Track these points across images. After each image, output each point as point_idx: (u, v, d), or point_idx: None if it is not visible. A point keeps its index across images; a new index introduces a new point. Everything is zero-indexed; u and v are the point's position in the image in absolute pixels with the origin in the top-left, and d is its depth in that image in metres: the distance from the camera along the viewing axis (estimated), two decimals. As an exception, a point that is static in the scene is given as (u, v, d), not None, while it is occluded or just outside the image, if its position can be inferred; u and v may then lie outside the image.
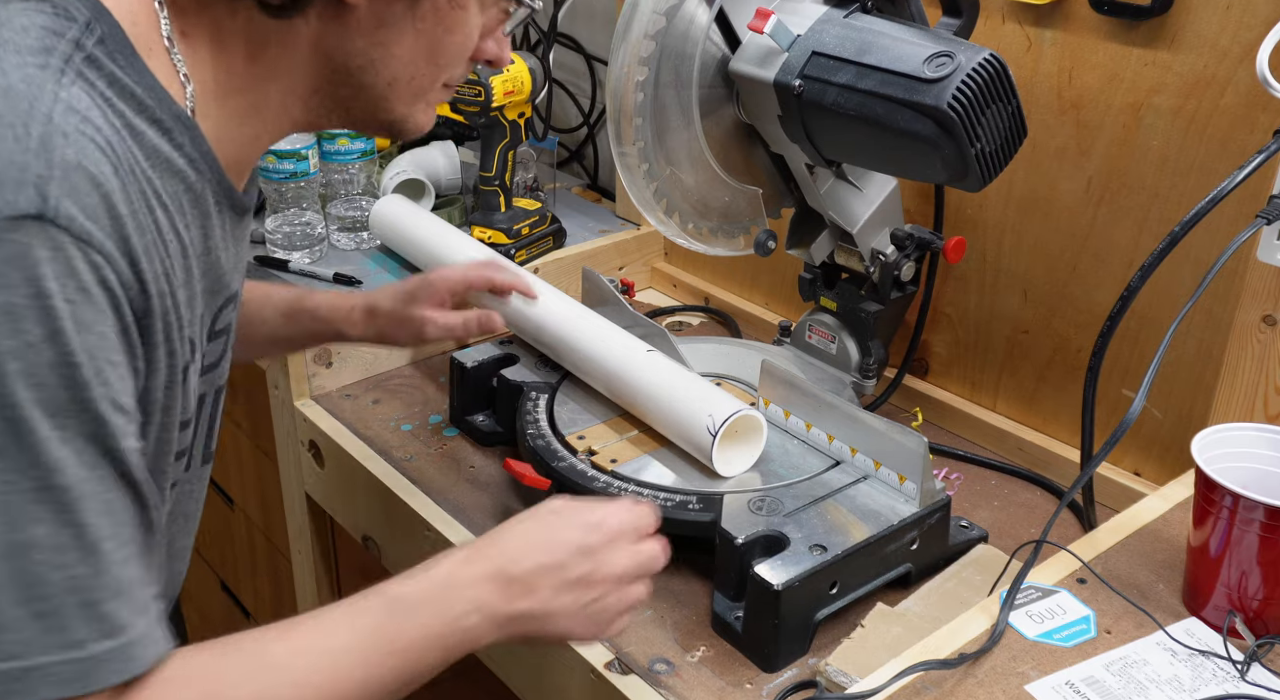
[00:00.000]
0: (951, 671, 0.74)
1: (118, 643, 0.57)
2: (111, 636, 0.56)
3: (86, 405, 0.56)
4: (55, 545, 0.55)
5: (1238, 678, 0.73)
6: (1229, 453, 0.79)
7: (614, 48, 0.94)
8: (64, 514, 0.55)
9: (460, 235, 1.33)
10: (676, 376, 1.00)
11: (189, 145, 0.66)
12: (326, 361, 1.22)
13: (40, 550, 0.54)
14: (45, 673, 0.54)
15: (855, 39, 0.91)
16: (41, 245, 0.54)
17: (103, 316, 0.57)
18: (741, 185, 1.06)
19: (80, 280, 0.56)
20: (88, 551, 0.56)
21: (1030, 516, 1.05)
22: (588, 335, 1.07)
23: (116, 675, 0.57)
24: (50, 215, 0.54)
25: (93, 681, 0.56)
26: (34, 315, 0.54)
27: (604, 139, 1.85)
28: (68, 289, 0.55)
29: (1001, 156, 0.89)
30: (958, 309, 1.18)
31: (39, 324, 0.54)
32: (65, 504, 0.55)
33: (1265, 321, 0.89)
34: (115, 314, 0.58)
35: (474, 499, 1.04)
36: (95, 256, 0.56)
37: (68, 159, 0.56)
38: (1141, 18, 0.95)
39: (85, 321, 0.56)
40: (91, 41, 0.61)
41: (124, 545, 0.58)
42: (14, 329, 0.53)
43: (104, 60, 0.62)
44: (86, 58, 0.61)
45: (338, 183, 1.54)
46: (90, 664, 0.56)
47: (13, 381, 0.54)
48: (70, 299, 0.55)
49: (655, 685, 0.82)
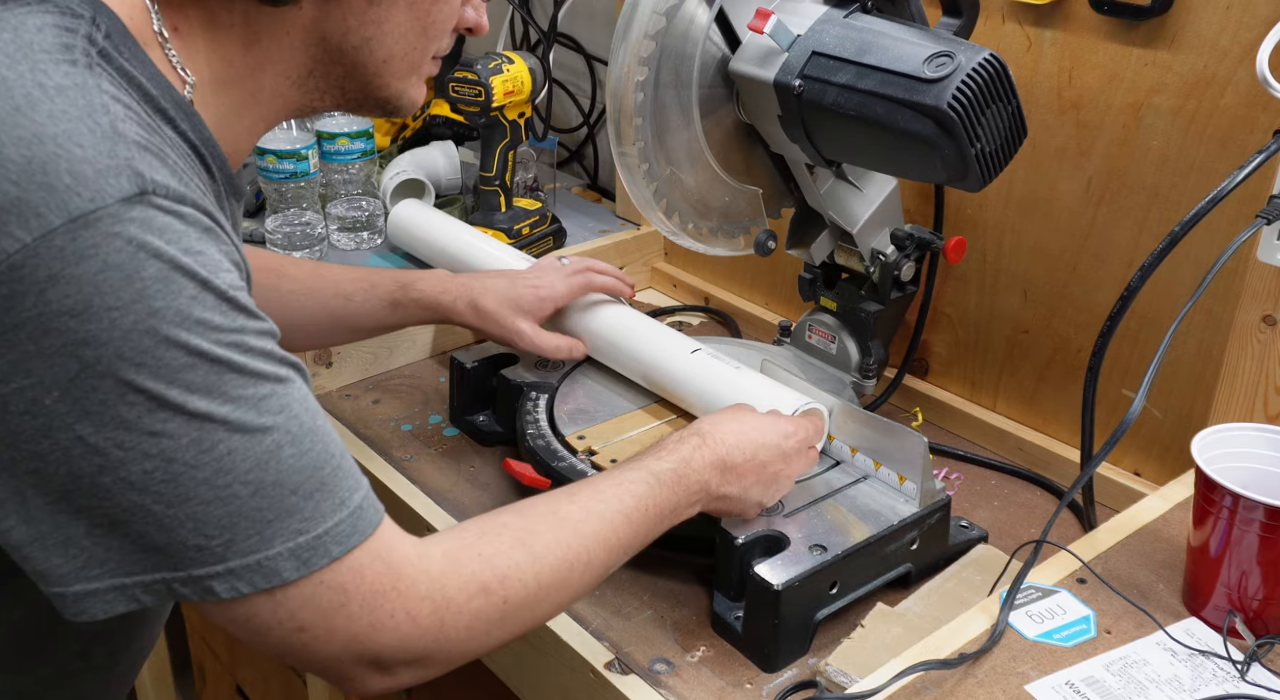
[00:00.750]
0: (951, 671, 0.74)
1: (364, 492, 0.66)
2: (359, 487, 0.66)
3: (250, 324, 0.63)
4: (292, 440, 0.63)
5: (1238, 678, 0.73)
6: (1229, 453, 0.79)
7: (614, 48, 0.94)
8: (283, 413, 0.63)
9: (491, 241, 1.33)
10: (734, 374, 1.00)
11: (192, 133, 0.68)
12: (326, 361, 1.22)
13: (284, 448, 0.62)
14: (331, 534, 0.63)
15: (855, 39, 0.91)
16: (157, 215, 0.59)
17: (220, 255, 0.62)
18: (741, 185, 1.06)
19: (194, 233, 0.61)
20: (312, 432, 0.64)
21: (1030, 516, 1.05)
22: (638, 334, 1.07)
23: (375, 515, 0.66)
24: (150, 188, 0.59)
25: (366, 526, 0.65)
26: (181, 273, 0.59)
27: (604, 139, 1.85)
28: (191, 243, 0.60)
29: (1001, 156, 0.89)
30: (958, 309, 1.18)
31: (189, 279, 0.59)
32: (280, 407, 0.63)
33: (1265, 321, 0.89)
34: (227, 251, 0.63)
35: (474, 499, 1.04)
36: (192, 210, 0.61)
37: (135, 138, 0.60)
38: (1141, 18, 0.95)
39: (214, 264, 0.61)
40: (100, 36, 0.64)
41: (322, 415, 0.66)
42: (175, 289, 0.59)
43: (113, 54, 0.64)
44: (100, 52, 0.63)
45: (338, 183, 1.55)
46: (359, 513, 0.65)
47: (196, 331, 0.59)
48: (197, 251, 0.60)
49: (655, 685, 0.82)
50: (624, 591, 0.92)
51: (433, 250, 1.37)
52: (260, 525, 0.61)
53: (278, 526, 0.62)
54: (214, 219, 0.63)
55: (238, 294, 0.62)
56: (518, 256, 1.29)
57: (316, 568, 0.63)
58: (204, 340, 0.59)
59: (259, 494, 0.61)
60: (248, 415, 0.61)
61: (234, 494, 0.60)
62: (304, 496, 0.63)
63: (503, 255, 1.29)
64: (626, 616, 0.90)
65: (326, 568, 0.63)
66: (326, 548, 0.63)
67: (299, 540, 0.62)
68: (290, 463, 0.62)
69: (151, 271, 0.58)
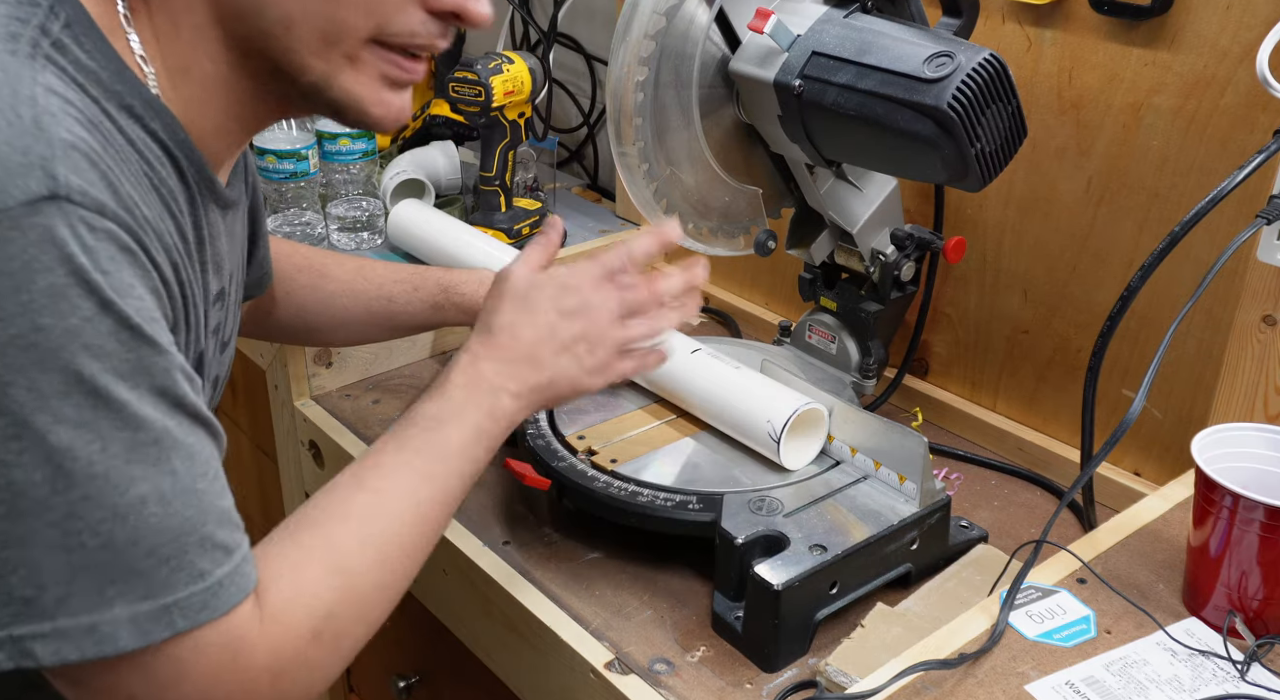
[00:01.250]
0: (951, 671, 0.74)
1: (232, 564, 0.61)
2: (226, 561, 0.61)
3: (152, 362, 0.58)
4: (159, 497, 0.58)
5: (1238, 678, 0.73)
6: (1229, 453, 0.79)
7: (614, 48, 0.94)
8: (159, 466, 0.58)
9: (491, 241, 1.33)
10: (734, 374, 1.00)
11: (162, 131, 0.65)
12: (326, 361, 1.22)
13: (149, 504, 0.57)
14: (180, 606, 0.59)
15: (855, 39, 0.91)
16: (63, 223, 0.55)
17: (137, 280, 0.59)
18: (741, 185, 1.06)
19: (107, 250, 0.57)
20: (189, 494, 0.59)
21: (1030, 516, 1.05)
22: None
23: (239, 593, 0.61)
24: (63, 193, 0.55)
25: (221, 605, 0.60)
26: (79, 291, 0.55)
27: (604, 139, 1.85)
28: (100, 261, 0.56)
29: (1001, 156, 0.89)
30: (958, 309, 1.18)
31: (86, 298, 0.55)
32: (158, 458, 0.58)
33: (1265, 321, 0.89)
34: (145, 276, 0.60)
35: (474, 498, 1.04)
36: (111, 225, 0.57)
37: (64, 137, 0.56)
38: (1141, 18, 0.95)
39: (124, 287, 0.57)
40: (57, 26, 0.61)
41: (215, 479, 0.62)
42: (66, 308, 0.55)
43: (70, 46, 0.61)
44: (54, 43, 0.60)
45: (338, 183, 1.55)
46: (216, 589, 0.60)
47: (81, 357, 0.55)
48: (104, 269, 0.56)
49: (655, 685, 0.82)
50: (624, 591, 0.92)
51: (433, 250, 1.37)
52: (103, 584, 0.56)
53: (122, 588, 0.57)
54: (139, 239, 0.59)
55: (146, 324, 0.58)
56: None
57: (156, 639, 0.58)
58: (87, 368, 0.55)
59: (108, 548, 0.56)
60: (115, 461, 0.56)
61: (80, 543, 0.55)
62: (160, 561, 0.58)
63: (503, 256, 1.29)
64: (626, 616, 0.90)
65: (169, 640, 0.58)
66: (172, 620, 0.58)
67: (142, 607, 0.57)
68: (152, 522, 0.57)
69: (44, 283, 0.54)
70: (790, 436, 0.94)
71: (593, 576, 0.94)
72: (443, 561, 0.99)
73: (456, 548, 0.96)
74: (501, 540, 0.99)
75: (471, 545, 0.97)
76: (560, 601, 0.90)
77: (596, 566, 0.95)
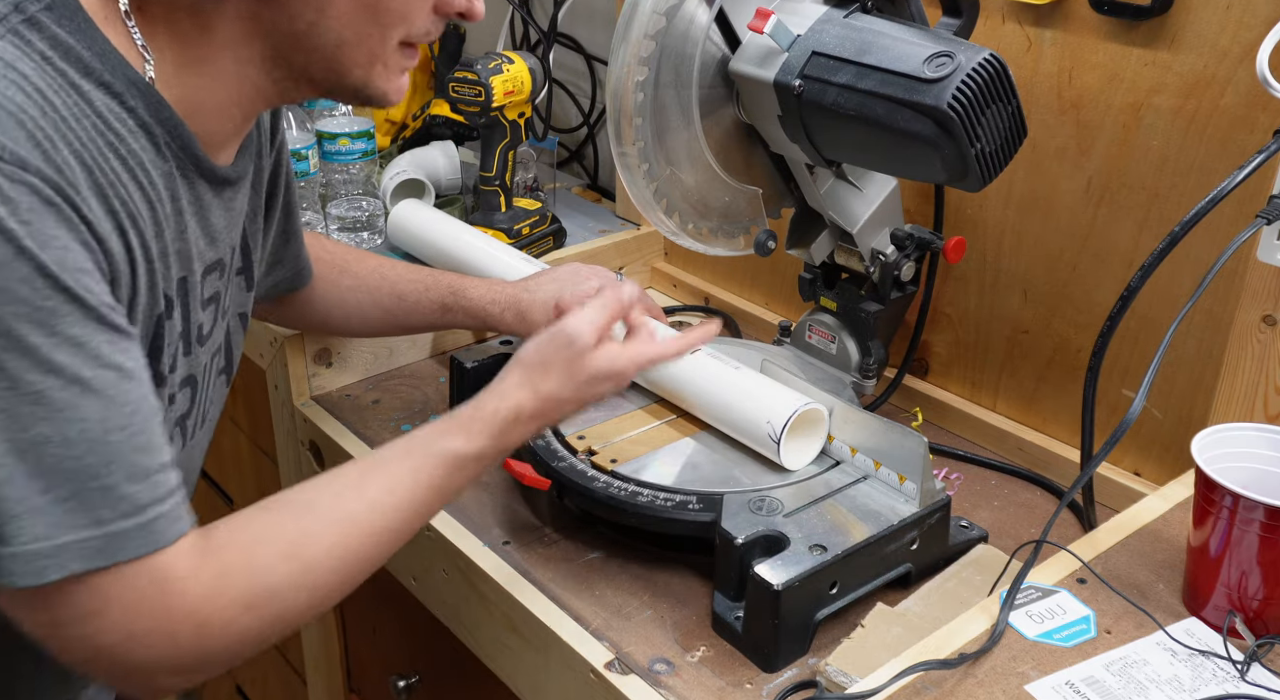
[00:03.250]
0: (951, 671, 0.74)
1: (138, 521, 0.63)
2: (130, 516, 0.62)
3: (72, 310, 0.60)
4: (63, 440, 0.60)
5: (1238, 678, 0.73)
6: (1229, 453, 0.79)
7: (614, 48, 0.94)
8: (65, 412, 0.60)
9: (491, 241, 1.33)
10: (734, 374, 1.00)
11: (143, 110, 0.68)
12: (327, 361, 1.22)
13: (50, 445, 0.59)
14: (72, 549, 0.60)
15: (855, 39, 0.91)
16: None
17: (61, 231, 0.61)
18: (741, 185, 1.06)
19: (28, 201, 0.59)
20: (96, 442, 0.61)
21: (1030, 516, 1.04)
22: None
23: (139, 548, 0.63)
24: None
25: (116, 554, 0.62)
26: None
27: (604, 139, 1.85)
28: (18, 210, 0.59)
29: (1001, 156, 0.89)
30: (958, 309, 1.18)
31: (2, 244, 0.58)
32: (66, 404, 0.60)
33: (1265, 321, 0.89)
34: (72, 229, 0.61)
35: (474, 499, 1.04)
36: (34, 179, 0.60)
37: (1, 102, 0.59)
38: (1141, 18, 0.95)
39: (45, 237, 0.60)
40: (36, 7, 0.64)
41: (136, 434, 0.63)
42: None
43: (47, 23, 0.64)
44: (26, 19, 0.63)
45: (338, 183, 1.55)
46: (111, 538, 0.62)
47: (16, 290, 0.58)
48: (23, 219, 0.59)
49: (655, 685, 0.82)
50: (624, 591, 0.92)
51: (433, 250, 1.37)
52: (2, 519, 0.59)
53: (20, 525, 0.59)
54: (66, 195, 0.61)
55: (67, 275, 0.60)
56: (518, 257, 1.29)
57: (49, 579, 0.60)
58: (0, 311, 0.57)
59: (9, 484, 0.59)
60: (20, 403, 0.59)
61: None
62: (55, 501, 0.60)
63: (503, 255, 1.29)
64: (626, 616, 0.90)
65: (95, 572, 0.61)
66: (63, 562, 0.60)
67: (38, 545, 0.60)
68: (50, 463, 0.60)
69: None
70: (790, 436, 0.94)
71: (593, 576, 0.94)
72: (443, 561, 0.99)
73: (456, 548, 0.96)
74: (501, 540, 0.99)
75: (471, 545, 0.97)
76: (560, 601, 0.90)
77: (596, 566, 0.95)
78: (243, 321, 0.93)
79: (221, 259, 0.82)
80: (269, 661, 1.66)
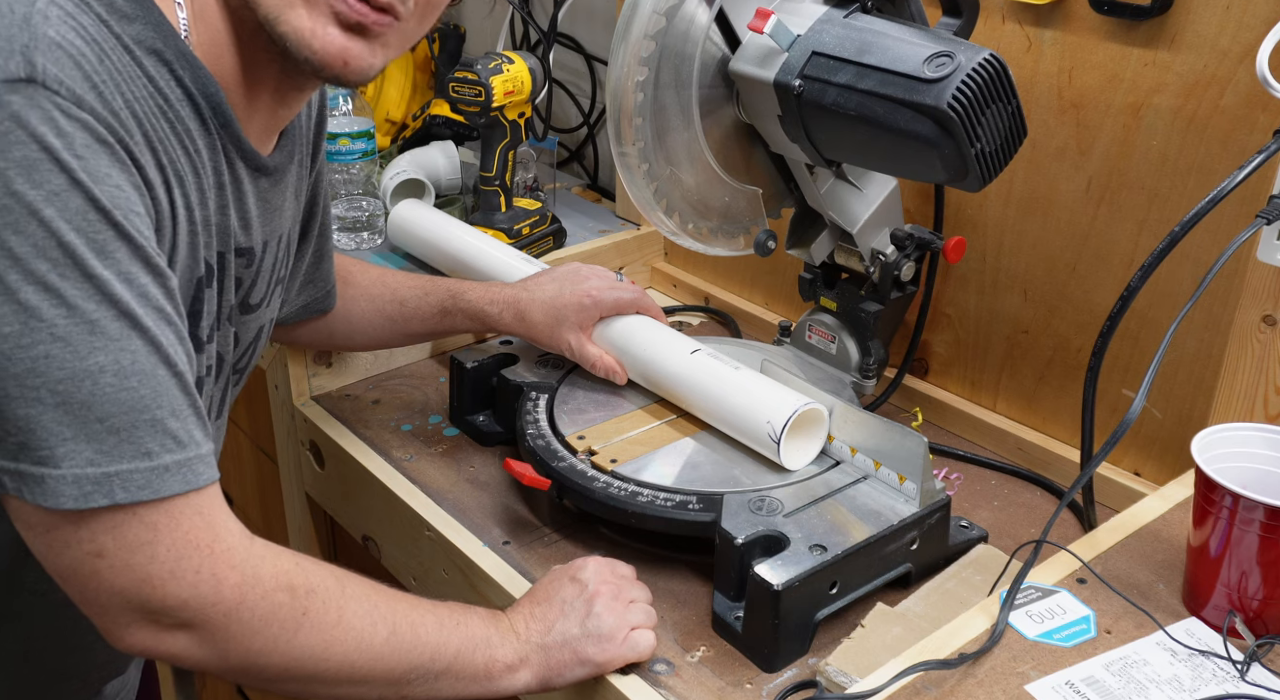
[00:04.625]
0: (951, 671, 0.74)
1: (183, 456, 0.64)
2: (176, 451, 0.64)
3: (122, 246, 0.61)
4: (117, 370, 0.61)
5: (1238, 678, 0.73)
6: (1229, 453, 0.79)
7: (614, 48, 0.94)
8: (120, 342, 0.61)
9: (492, 241, 1.33)
10: (734, 374, 1.00)
11: (190, 81, 0.69)
12: (326, 361, 1.22)
13: (105, 374, 0.60)
14: (122, 479, 0.61)
15: (855, 39, 0.91)
16: (37, 106, 0.58)
17: (114, 170, 0.61)
18: (741, 185, 1.06)
19: (83, 138, 0.60)
20: (146, 376, 0.62)
21: (1030, 516, 1.05)
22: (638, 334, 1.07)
23: (181, 485, 0.64)
24: (40, 78, 0.58)
25: (162, 489, 0.63)
26: (49, 166, 0.58)
27: (604, 139, 1.85)
28: (73, 145, 0.59)
29: (1001, 156, 0.89)
30: (958, 309, 1.18)
31: (57, 174, 0.58)
32: (120, 334, 0.61)
33: (1265, 321, 0.89)
34: (125, 171, 0.62)
35: (474, 499, 1.04)
36: (88, 117, 0.60)
37: (50, 36, 0.60)
38: (1141, 18, 0.95)
39: (99, 174, 0.60)
40: None
41: (177, 377, 0.64)
42: (37, 179, 0.58)
43: None
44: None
45: (338, 183, 1.55)
46: (160, 472, 0.63)
47: (56, 224, 0.58)
48: (78, 154, 0.59)
49: (655, 685, 0.82)
50: (624, 591, 0.92)
51: (433, 250, 1.37)
52: (55, 442, 0.60)
53: (71, 449, 0.60)
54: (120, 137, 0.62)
55: (120, 212, 0.61)
56: (518, 257, 1.29)
57: (97, 505, 0.61)
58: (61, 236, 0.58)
59: (63, 408, 0.60)
60: (78, 330, 0.60)
61: (39, 398, 0.59)
62: (109, 430, 0.61)
63: (503, 256, 1.29)
64: (626, 616, 0.90)
65: (144, 504, 0.62)
66: (111, 489, 0.61)
67: (87, 471, 0.61)
68: (107, 392, 0.61)
69: (19, 154, 0.57)
70: (790, 436, 0.94)
71: (593, 576, 0.94)
72: (443, 561, 0.99)
73: (456, 548, 0.96)
74: (501, 540, 0.99)
75: (471, 545, 0.97)
76: (560, 601, 0.90)
77: (596, 566, 0.95)
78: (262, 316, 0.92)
79: (253, 248, 0.82)
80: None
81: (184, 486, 0.64)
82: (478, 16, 2.02)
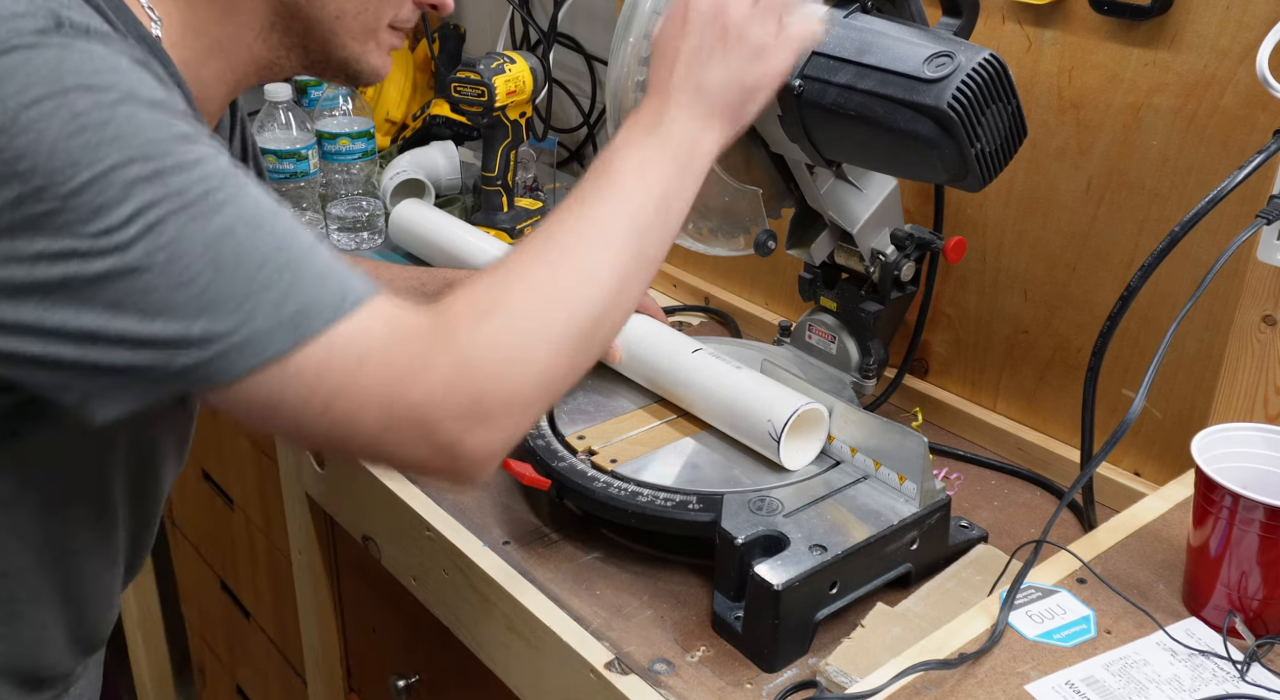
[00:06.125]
0: (951, 671, 0.74)
1: (346, 275, 0.65)
2: (338, 272, 0.64)
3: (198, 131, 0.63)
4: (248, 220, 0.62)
5: (1238, 678, 0.73)
6: (1229, 453, 0.79)
7: (614, 48, 0.94)
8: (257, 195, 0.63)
9: (493, 241, 1.34)
10: (734, 374, 1.00)
11: (159, 67, 0.70)
12: (327, 361, 1.22)
13: (236, 230, 0.61)
14: (315, 304, 0.62)
15: (855, 39, 0.91)
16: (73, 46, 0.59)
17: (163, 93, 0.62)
18: (741, 185, 1.05)
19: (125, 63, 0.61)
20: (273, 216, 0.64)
21: (1030, 516, 1.05)
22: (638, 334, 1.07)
23: (367, 290, 0.65)
24: (67, 24, 0.60)
25: (351, 295, 0.64)
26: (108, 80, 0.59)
27: (604, 139, 1.84)
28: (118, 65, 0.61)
29: (1001, 156, 0.89)
30: (958, 309, 1.18)
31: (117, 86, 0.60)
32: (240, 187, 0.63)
33: (1265, 321, 0.89)
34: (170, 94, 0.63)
35: (474, 499, 1.04)
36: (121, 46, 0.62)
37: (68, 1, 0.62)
38: (1141, 18, 0.95)
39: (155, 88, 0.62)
40: None
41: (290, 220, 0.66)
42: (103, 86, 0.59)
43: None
44: None
45: (338, 183, 1.55)
46: (345, 283, 0.64)
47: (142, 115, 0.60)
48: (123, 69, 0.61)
49: (655, 685, 0.82)
50: (624, 591, 0.92)
51: (434, 250, 1.37)
52: (232, 304, 0.60)
53: (257, 301, 0.60)
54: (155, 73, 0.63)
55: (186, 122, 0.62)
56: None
57: (310, 333, 0.61)
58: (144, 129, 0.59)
59: (221, 272, 0.60)
60: (237, 186, 0.62)
61: (194, 276, 0.60)
62: (276, 270, 0.61)
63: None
64: (626, 616, 0.90)
65: (327, 330, 0.62)
66: (310, 325, 0.62)
67: (283, 313, 0.61)
68: (247, 242, 0.61)
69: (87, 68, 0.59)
70: (790, 436, 0.94)
71: (593, 576, 0.94)
72: (443, 561, 0.99)
73: (456, 548, 0.96)
74: (501, 540, 0.99)
75: (471, 545, 0.97)
76: (560, 601, 0.90)
77: (596, 566, 0.95)
78: None
79: None
80: (269, 662, 1.66)
81: (369, 291, 0.65)
82: (478, 16, 2.02)
